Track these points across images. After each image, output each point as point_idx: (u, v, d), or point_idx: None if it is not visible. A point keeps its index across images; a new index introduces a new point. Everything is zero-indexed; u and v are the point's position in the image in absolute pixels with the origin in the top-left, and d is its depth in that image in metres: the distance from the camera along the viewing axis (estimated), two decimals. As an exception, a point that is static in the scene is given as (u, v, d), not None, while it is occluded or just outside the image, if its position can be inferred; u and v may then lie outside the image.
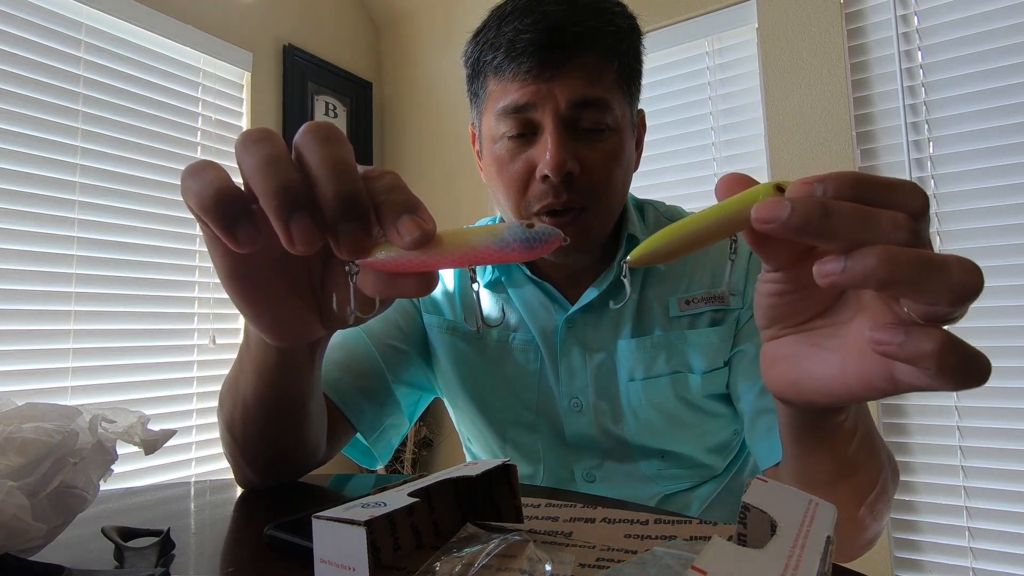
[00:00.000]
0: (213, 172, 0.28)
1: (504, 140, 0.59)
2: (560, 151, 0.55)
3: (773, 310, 0.31)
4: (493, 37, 0.58)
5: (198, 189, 0.28)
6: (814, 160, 1.59)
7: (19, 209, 1.42)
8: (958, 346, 0.23)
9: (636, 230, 0.65)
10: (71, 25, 1.54)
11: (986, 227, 1.40)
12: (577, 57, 0.55)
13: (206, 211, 0.27)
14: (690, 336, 0.63)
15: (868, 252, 0.23)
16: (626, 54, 0.59)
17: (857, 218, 0.23)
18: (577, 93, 0.55)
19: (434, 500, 0.33)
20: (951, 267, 0.22)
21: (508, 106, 0.57)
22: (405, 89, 2.45)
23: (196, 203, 0.28)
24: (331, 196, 0.26)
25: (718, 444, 0.66)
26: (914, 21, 1.49)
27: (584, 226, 0.59)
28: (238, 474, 0.51)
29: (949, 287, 0.22)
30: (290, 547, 0.33)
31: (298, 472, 0.52)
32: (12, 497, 0.27)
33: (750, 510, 0.24)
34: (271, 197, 0.26)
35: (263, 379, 0.42)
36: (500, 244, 0.26)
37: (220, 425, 0.50)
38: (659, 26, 1.83)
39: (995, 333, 1.38)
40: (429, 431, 2.16)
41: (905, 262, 0.22)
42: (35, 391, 1.43)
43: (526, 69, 0.55)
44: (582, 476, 0.66)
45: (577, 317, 0.64)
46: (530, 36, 0.55)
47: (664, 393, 0.63)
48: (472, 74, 0.63)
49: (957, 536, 1.40)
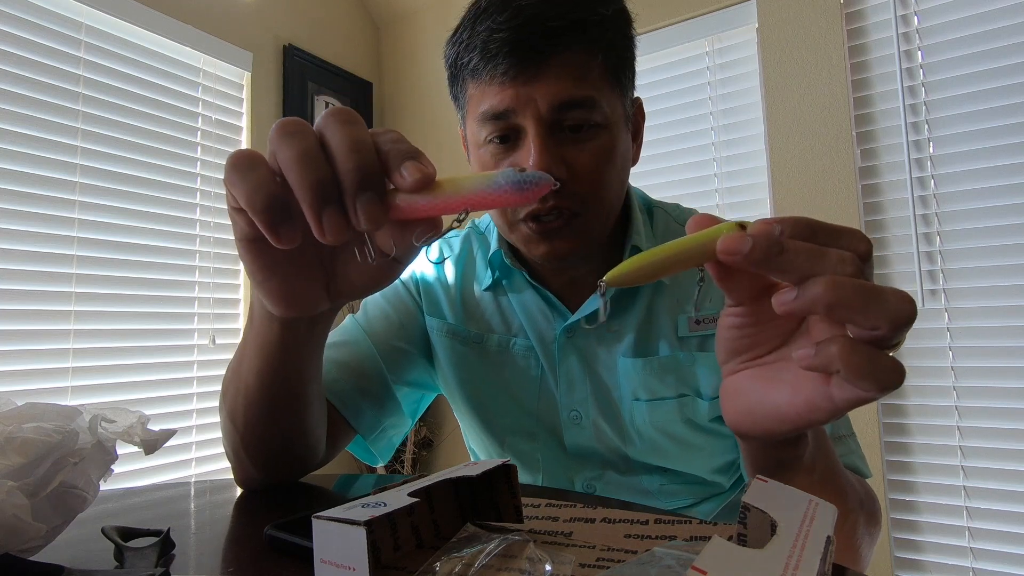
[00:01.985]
0: (263, 173, 0.30)
1: (487, 146, 0.56)
2: (545, 156, 0.51)
3: (733, 343, 0.34)
4: (468, 37, 0.54)
5: (248, 191, 0.30)
6: (814, 160, 1.59)
7: (19, 209, 1.42)
8: (861, 349, 0.26)
9: (641, 240, 0.62)
10: (71, 25, 1.54)
11: (986, 227, 1.40)
12: (558, 54, 0.51)
13: (255, 212, 0.30)
14: (700, 358, 0.59)
15: (817, 280, 0.26)
16: (613, 44, 0.54)
17: (809, 254, 0.27)
18: (560, 95, 0.51)
19: (434, 500, 0.33)
20: (888, 296, 0.25)
21: (487, 112, 0.54)
22: (405, 89, 2.45)
23: (246, 203, 0.30)
24: (350, 168, 0.29)
25: (724, 464, 0.63)
26: (914, 21, 1.49)
27: (580, 230, 0.55)
28: (239, 470, 0.51)
29: (887, 312, 0.25)
30: (290, 547, 0.33)
31: (299, 469, 0.52)
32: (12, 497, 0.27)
33: (750, 510, 0.24)
34: (307, 191, 0.29)
35: (265, 358, 0.43)
36: (493, 187, 0.29)
37: (222, 418, 0.49)
38: (659, 26, 1.83)
39: (995, 333, 1.38)
40: (429, 431, 2.16)
41: (849, 288, 0.25)
42: (35, 391, 1.43)
43: (502, 71, 0.51)
44: (582, 486, 0.64)
45: (577, 326, 0.62)
46: (504, 35, 0.51)
47: (670, 416, 0.60)
48: (451, 77, 0.60)
49: (957, 536, 1.40)
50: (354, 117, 0.31)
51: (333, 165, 0.30)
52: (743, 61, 1.73)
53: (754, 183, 1.71)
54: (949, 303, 1.43)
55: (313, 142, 0.30)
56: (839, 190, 1.55)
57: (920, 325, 1.46)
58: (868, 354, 0.26)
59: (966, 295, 1.42)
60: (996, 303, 1.38)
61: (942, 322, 1.44)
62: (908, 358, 1.47)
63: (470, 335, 0.66)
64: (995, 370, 1.38)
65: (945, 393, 1.43)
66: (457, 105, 0.62)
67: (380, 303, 0.68)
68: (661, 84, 1.85)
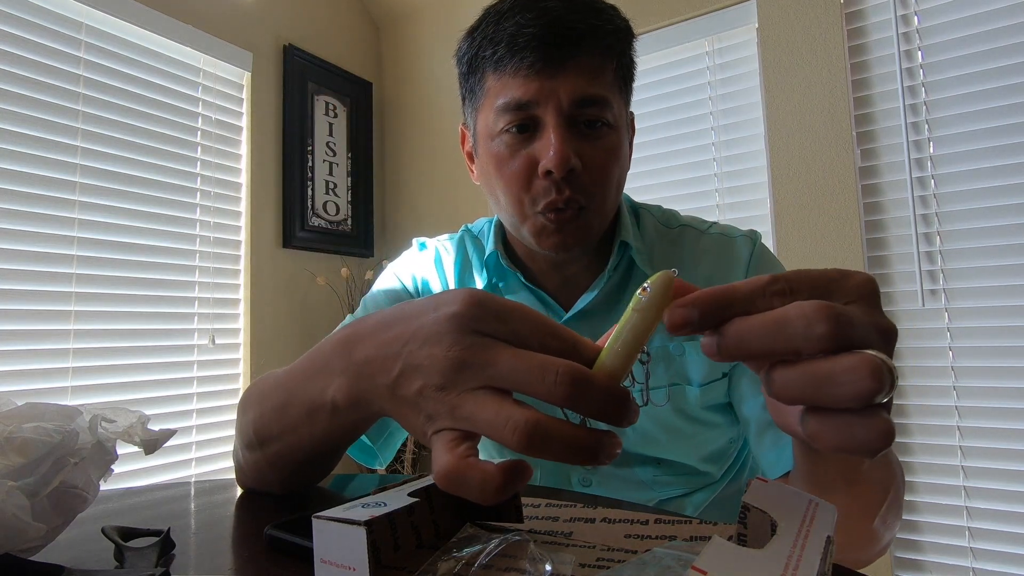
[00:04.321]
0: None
1: (503, 136, 0.58)
2: (564, 147, 0.55)
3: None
4: (492, 32, 0.58)
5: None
6: (814, 160, 1.59)
7: (19, 209, 1.42)
8: (829, 423, 0.23)
9: (629, 236, 0.65)
10: (71, 25, 1.54)
11: (986, 227, 1.40)
12: (579, 55, 0.55)
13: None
14: (688, 348, 0.62)
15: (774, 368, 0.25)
16: (623, 54, 0.60)
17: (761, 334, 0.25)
18: (580, 91, 0.55)
19: (434, 500, 0.33)
20: (842, 373, 0.23)
21: (510, 102, 0.57)
22: (405, 89, 2.45)
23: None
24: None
25: (713, 453, 0.66)
26: (914, 21, 1.49)
27: (584, 223, 0.58)
28: (252, 480, 0.48)
29: (843, 394, 0.23)
30: (290, 547, 0.33)
31: (314, 482, 0.51)
32: (12, 497, 0.27)
33: (750, 510, 0.24)
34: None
35: (326, 433, 0.39)
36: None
37: (245, 432, 0.45)
38: (659, 26, 1.83)
39: (995, 333, 1.38)
40: (429, 431, 2.16)
41: (792, 377, 0.24)
42: (35, 391, 1.43)
43: (528, 64, 0.55)
44: (578, 480, 0.66)
45: (571, 324, 0.64)
46: (532, 31, 0.55)
47: (662, 406, 0.62)
48: (468, 71, 0.62)
49: (957, 536, 1.39)
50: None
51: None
52: (743, 61, 1.73)
53: (754, 183, 1.71)
54: (949, 303, 1.43)
55: None
56: (839, 190, 1.55)
57: (920, 325, 1.46)
58: (840, 426, 0.22)
59: (966, 295, 1.42)
60: (996, 303, 1.38)
61: (942, 322, 1.44)
62: (908, 358, 1.47)
63: None
64: (995, 370, 1.38)
65: (945, 393, 1.43)
66: (470, 99, 0.64)
67: (380, 302, 0.69)
68: (661, 84, 1.85)
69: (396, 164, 2.46)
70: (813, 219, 1.58)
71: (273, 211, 2.04)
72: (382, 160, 2.49)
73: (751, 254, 0.64)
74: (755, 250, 0.65)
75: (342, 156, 2.29)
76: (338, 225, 2.25)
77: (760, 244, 0.66)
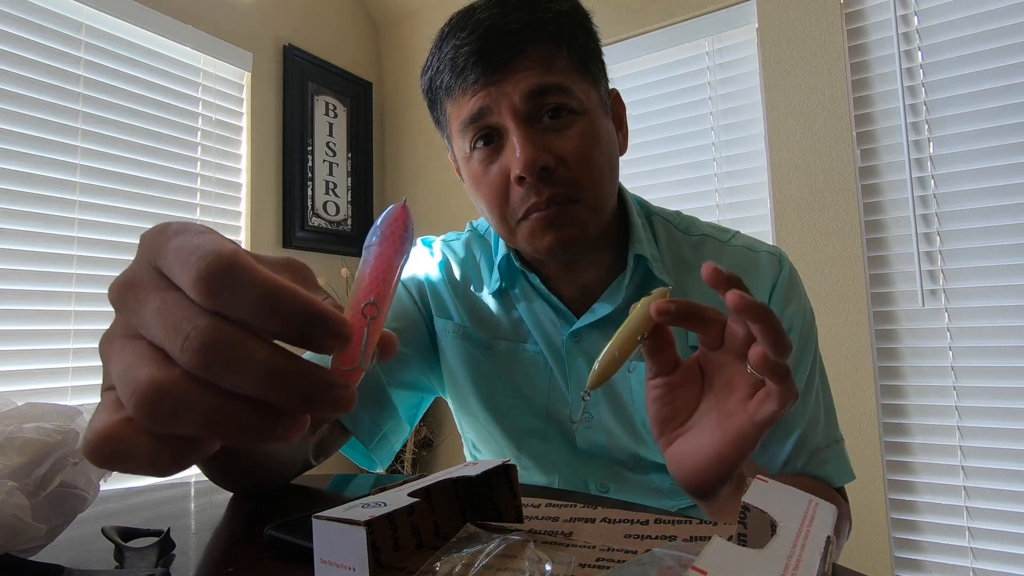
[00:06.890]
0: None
1: (474, 155, 0.58)
2: (528, 147, 0.53)
3: (660, 413, 0.42)
4: (437, 62, 0.58)
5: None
6: (814, 160, 1.59)
7: (19, 209, 1.42)
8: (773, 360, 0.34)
9: (644, 249, 0.62)
10: (71, 25, 1.54)
11: (986, 227, 1.40)
12: (522, 52, 0.54)
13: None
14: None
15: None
16: (574, 36, 0.57)
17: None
18: (529, 84, 0.54)
19: (434, 500, 0.33)
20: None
21: (466, 119, 0.56)
22: (405, 89, 2.45)
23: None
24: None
25: None
26: (914, 21, 1.49)
27: (574, 216, 0.56)
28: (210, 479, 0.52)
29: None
30: (290, 547, 0.33)
31: (276, 483, 0.53)
32: (12, 497, 0.27)
33: (750, 510, 0.24)
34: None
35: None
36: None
37: None
38: (659, 26, 1.83)
39: (995, 333, 1.38)
40: (429, 431, 2.16)
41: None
42: (35, 391, 1.43)
43: (472, 80, 0.55)
44: (596, 487, 0.65)
45: (584, 332, 0.63)
46: (469, 47, 0.55)
47: None
48: (430, 104, 0.63)
49: (957, 536, 1.39)
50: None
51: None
52: (743, 61, 1.73)
53: (754, 183, 1.71)
54: (949, 303, 1.43)
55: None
56: (839, 190, 1.55)
57: (920, 325, 1.46)
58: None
59: (966, 295, 1.42)
60: (996, 303, 1.38)
61: (942, 322, 1.44)
62: (908, 358, 1.47)
63: (480, 339, 0.66)
64: (995, 370, 1.38)
65: (945, 393, 1.42)
66: (441, 130, 0.64)
67: None
68: (661, 84, 1.85)
69: (396, 164, 2.46)
70: (813, 219, 1.58)
71: (273, 211, 2.04)
72: (382, 160, 2.49)
73: (777, 278, 0.62)
74: (782, 274, 0.63)
75: (342, 156, 2.29)
76: (338, 225, 2.25)
77: (787, 270, 0.64)
